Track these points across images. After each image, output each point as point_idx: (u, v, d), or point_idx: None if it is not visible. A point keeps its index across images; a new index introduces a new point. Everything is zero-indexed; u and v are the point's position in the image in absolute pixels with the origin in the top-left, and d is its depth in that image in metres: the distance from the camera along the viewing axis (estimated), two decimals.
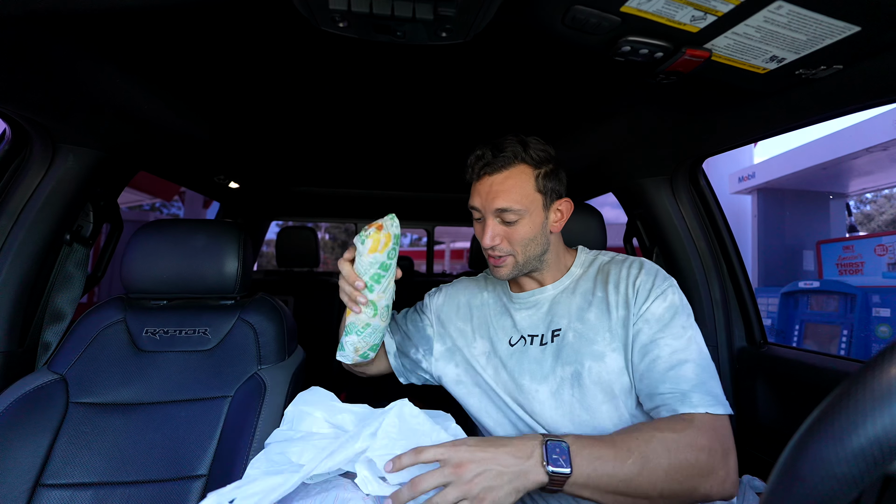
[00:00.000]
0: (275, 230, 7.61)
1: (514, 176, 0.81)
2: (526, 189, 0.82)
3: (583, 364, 0.80)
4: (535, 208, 0.83)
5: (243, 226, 1.16)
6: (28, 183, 1.01)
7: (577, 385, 0.80)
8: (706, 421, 0.68)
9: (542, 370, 0.84)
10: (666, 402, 0.72)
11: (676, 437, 0.65)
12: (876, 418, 0.23)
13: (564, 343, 0.83)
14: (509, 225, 0.82)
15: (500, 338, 0.91)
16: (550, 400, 0.81)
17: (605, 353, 0.79)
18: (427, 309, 1.04)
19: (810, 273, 5.71)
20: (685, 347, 0.75)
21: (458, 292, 1.02)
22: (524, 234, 0.82)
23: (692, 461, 0.64)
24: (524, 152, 0.82)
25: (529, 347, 0.87)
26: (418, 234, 15.91)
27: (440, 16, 0.60)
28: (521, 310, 0.91)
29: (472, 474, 0.58)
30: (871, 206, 16.28)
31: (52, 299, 1.11)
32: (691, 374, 0.72)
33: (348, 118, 1.27)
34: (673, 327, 0.77)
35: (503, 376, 0.88)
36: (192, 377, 1.00)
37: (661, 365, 0.74)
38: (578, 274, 0.91)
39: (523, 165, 0.82)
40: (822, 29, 0.59)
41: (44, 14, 0.66)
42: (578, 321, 0.84)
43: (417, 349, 1.00)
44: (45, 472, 0.86)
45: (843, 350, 3.60)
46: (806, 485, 0.25)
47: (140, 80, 0.96)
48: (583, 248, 0.97)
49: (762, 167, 6.17)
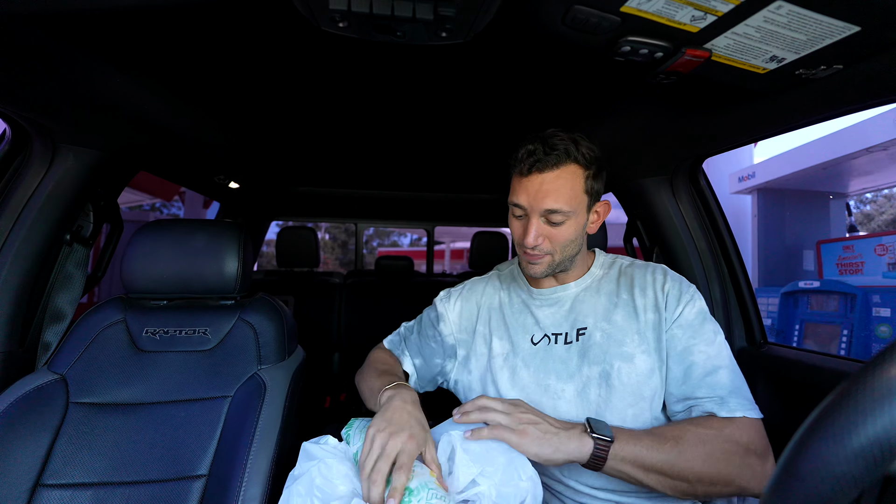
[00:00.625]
0: (275, 230, 7.61)
1: (566, 176, 0.78)
2: (576, 190, 0.79)
3: (612, 364, 0.79)
4: (580, 210, 0.81)
5: (243, 226, 1.16)
6: (28, 183, 1.01)
7: (606, 385, 0.79)
8: (745, 423, 0.71)
9: (568, 369, 0.83)
10: (701, 404, 0.74)
11: (714, 432, 0.69)
12: (876, 418, 0.23)
13: (591, 342, 0.83)
14: (554, 226, 0.80)
15: (520, 336, 0.89)
16: (576, 399, 0.81)
17: (635, 355, 0.79)
18: (442, 318, 0.98)
19: (810, 273, 5.71)
20: (718, 353, 0.77)
21: (472, 294, 0.99)
22: (567, 235, 0.80)
23: (730, 451, 0.68)
24: (576, 151, 0.78)
25: (554, 346, 0.85)
26: (418, 234, 15.92)
27: (440, 16, 0.60)
28: (543, 307, 0.90)
29: (526, 417, 0.69)
30: (872, 205, 16.28)
31: (53, 299, 1.11)
32: (726, 379, 0.74)
33: (348, 118, 1.27)
34: (704, 333, 0.79)
35: (523, 377, 0.85)
36: (193, 377, 1.00)
37: (697, 371, 0.76)
38: (599, 274, 0.90)
39: (574, 165, 0.79)
40: (822, 29, 0.59)
41: (44, 14, 0.66)
42: (605, 321, 0.83)
43: (439, 363, 0.97)
44: (45, 472, 0.86)
45: (843, 350, 3.60)
46: (806, 485, 0.25)
47: (140, 80, 0.96)
48: (599, 250, 0.97)
49: (762, 167, 6.17)
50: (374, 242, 20.54)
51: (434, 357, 0.96)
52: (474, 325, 0.96)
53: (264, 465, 0.86)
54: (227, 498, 0.83)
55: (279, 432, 0.92)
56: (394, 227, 8.73)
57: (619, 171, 1.41)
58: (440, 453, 0.68)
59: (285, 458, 0.93)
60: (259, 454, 0.87)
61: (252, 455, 0.87)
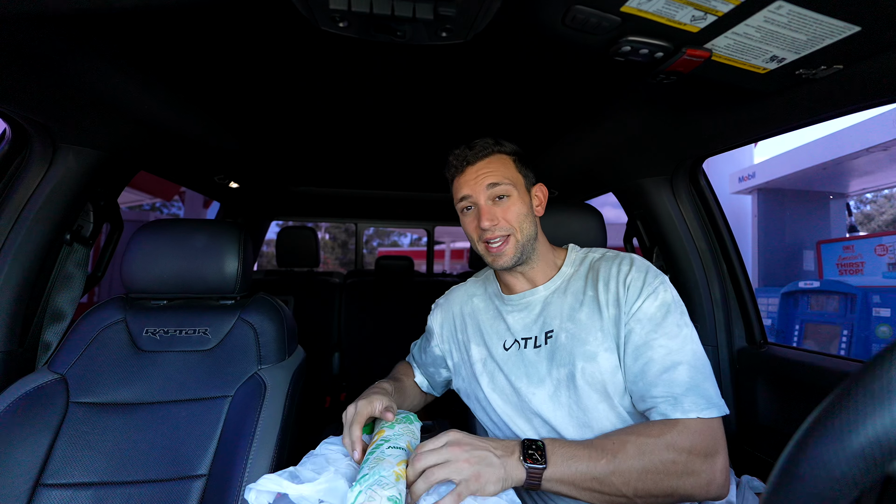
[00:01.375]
0: (275, 230, 7.61)
1: (495, 161, 0.88)
2: (510, 170, 0.88)
3: (575, 365, 0.79)
4: (520, 186, 0.88)
5: (243, 226, 1.16)
6: (28, 182, 1.01)
7: (573, 387, 0.79)
8: (692, 425, 0.69)
9: (539, 373, 0.83)
10: (657, 406, 0.72)
11: (653, 440, 0.67)
12: (876, 418, 0.23)
13: (557, 345, 0.83)
14: (502, 202, 0.85)
15: (494, 342, 0.91)
16: (549, 403, 0.81)
17: (598, 353, 0.78)
18: (432, 333, 1.04)
19: (810, 273, 5.71)
20: (679, 348, 0.74)
21: (452, 304, 1.03)
22: (518, 210, 0.86)
23: (668, 462, 0.65)
24: (497, 145, 0.90)
25: (524, 351, 0.86)
26: (418, 233, 15.92)
27: (440, 16, 0.60)
28: (514, 312, 0.91)
29: (467, 454, 0.63)
30: (872, 206, 16.28)
31: (53, 299, 1.11)
32: (685, 376, 0.72)
33: (348, 118, 1.27)
34: (666, 326, 0.76)
35: (500, 382, 0.88)
36: (193, 377, 1.00)
37: (654, 367, 0.73)
38: (569, 273, 0.90)
39: (500, 154, 0.89)
40: (822, 29, 0.59)
41: (44, 14, 0.66)
42: (570, 321, 0.83)
43: (440, 372, 1.03)
44: (45, 472, 0.86)
45: (843, 350, 3.60)
46: (806, 485, 0.25)
47: (140, 80, 0.96)
48: (573, 246, 0.96)
49: (762, 167, 6.17)
50: (374, 242, 20.56)
51: (437, 368, 1.03)
52: (455, 334, 1.00)
53: (264, 464, 0.86)
54: (227, 498, 0.83)
55: (279, 432, 0.92)
56: (394, 227, 8.73)
57: (619, 171, 1.41)
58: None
59: (285, 457, 0.93)
60: (259, 454, 0.87)
61: (252, 455, 0.87)
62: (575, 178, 1.62)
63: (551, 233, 1.01)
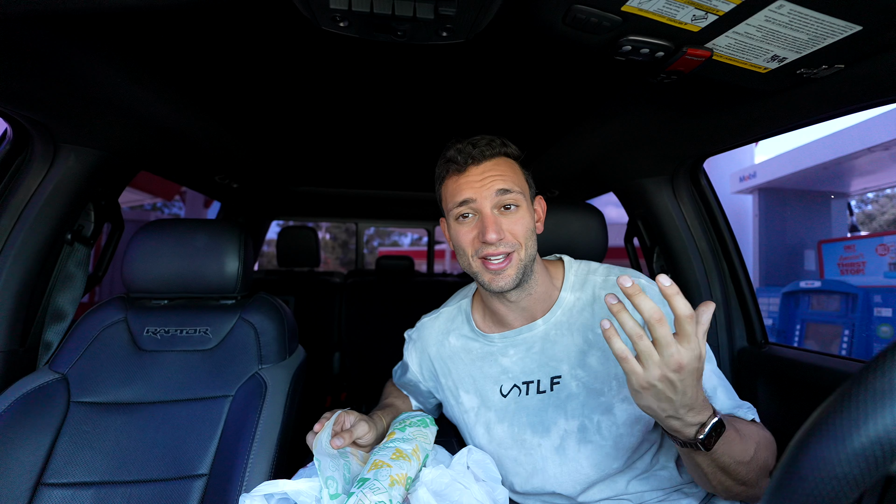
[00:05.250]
0: (275, 230, 7.61)
1: (503, 163, 0.76)
2: (518, 176, 0.77)
3: (591, 418, 0.73)
4: (527, 197, 0.77)
5: (244, 225, 1.16)
6: (29, 182, 1.01)
7: (584, 441, 0.73)
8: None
9: (544, 423, 0.75)
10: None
11: (769, 435, 0.69)
12: (877, 418, 0.23)
13: (567, 394, 0.75)
14: (509, 213, 0.74)
15: (489, 388, 0.81)
16: (554, 456, 0.75)
17: (614, 405, 0.72)
18: (408, 368, 0.96)
19: (811, 273, 5.71)
20: (708, 377, 0.70)
21: (427, 344, 0.92)
22: (526, 224, 0.74)
23: (771, 461, 0.67)
24: (503, 146, 0.78)
25: (525, 398, 0.78)
26: (418, 233, 15.92)
27: (441, 15, 0.60)
28: (509, 350, 0.80)
29: (672, 376, 0.52)
30: (873, 205, 16.25)
31: (54, 299, 1.11)
32: (724, 396, 0.71)
33: (349, 118, 1.27)
34: None
35: (498, 433, 0.79)
36: (193, 376, 1.00)
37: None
38: (571, 302, 0.80)
39: (506, 157, 0.78)
40: (823, 28, 0.59)
41: (45, 13, 0.66)
42: (580, 367, 0.75)
43: (430, 401, 0.97)
44: (46, 471, 0.87)
45: (844, 350, 3.59)
46: (807, 485, 0.25)
47: (141, 80, 0.97)
48: (568, 260, 0.86)
49: (763, 167, 6.17)
50: (374, 242, 20.57)
51: (426, 398, 0.97)
52: (437, 378, 0.90)
53: (265, 464, 0.87)
54: (227, 497, 0.83)
55: (280, 432, 0.92)
56: (394, 227, 8.73)
57: (619, 171, 1.41)
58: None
59: (286, 457, 0.93)
60: (260, 453, 0.87)
61: (253, 454, 0.87)
62: (575, 177, 1.62)
63: (552, 233, 1.01)
